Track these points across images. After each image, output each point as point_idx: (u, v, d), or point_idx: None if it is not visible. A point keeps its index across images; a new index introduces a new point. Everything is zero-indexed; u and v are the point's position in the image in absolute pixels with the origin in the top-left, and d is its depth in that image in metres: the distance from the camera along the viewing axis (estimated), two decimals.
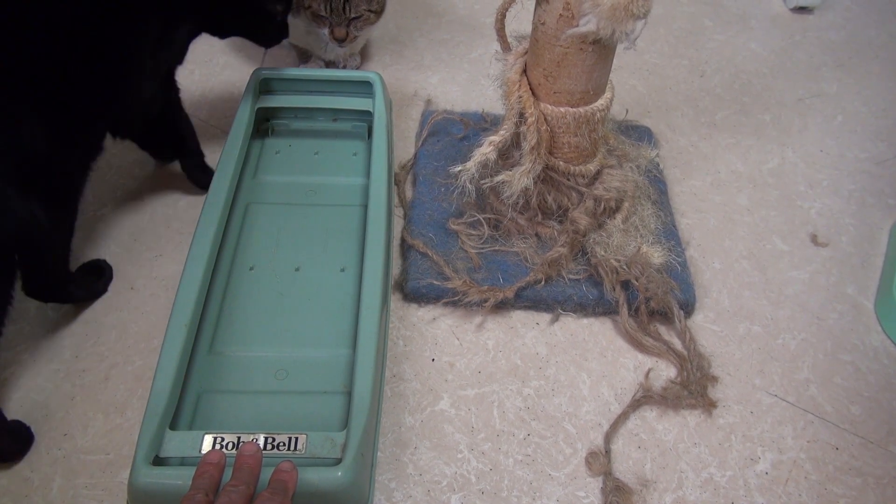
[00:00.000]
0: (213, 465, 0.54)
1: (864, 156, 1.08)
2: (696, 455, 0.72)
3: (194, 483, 0.53)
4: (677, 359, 0.79)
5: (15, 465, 0.68)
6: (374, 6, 1.04)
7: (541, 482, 0.69)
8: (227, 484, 0.52)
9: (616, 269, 0.80)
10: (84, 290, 0.82)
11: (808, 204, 1.00)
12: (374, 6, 1.04)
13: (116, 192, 0.94)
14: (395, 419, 0.73)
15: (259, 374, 0.71)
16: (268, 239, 0.84)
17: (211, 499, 0.51)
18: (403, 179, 0.98)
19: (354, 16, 1.02)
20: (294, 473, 0.55)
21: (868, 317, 0.86)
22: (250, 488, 0.52)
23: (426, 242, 0.86)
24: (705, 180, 1.02)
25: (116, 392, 0.74)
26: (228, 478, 0.54)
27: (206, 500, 0.50)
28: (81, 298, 0.82)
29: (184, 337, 0.67)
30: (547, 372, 0.78)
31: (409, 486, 0.68)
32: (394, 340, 0.80)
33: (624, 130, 1.02)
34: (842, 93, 1.21)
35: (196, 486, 0.52)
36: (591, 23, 0.67)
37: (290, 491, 0.54)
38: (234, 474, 0.54)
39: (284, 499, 0.52)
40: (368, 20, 1.04)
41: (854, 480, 0.71)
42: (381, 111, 0.93)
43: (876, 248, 0.94)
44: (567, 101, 0.76)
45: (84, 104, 0.70)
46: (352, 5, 1.01)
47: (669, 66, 1.24)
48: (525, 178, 0.77)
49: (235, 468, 0.54)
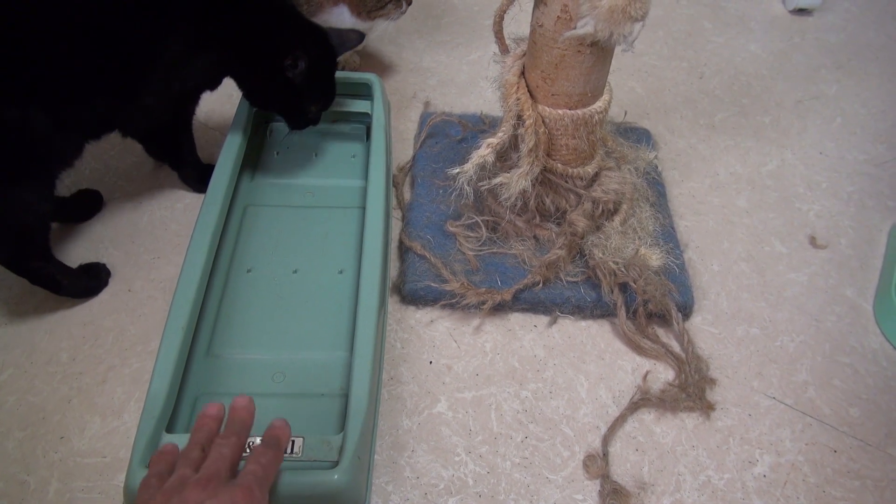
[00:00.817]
0: (211, 417, 0.55)
1: (863, 158, 1.08)
2: (694, 458, 0.72)
3: (192, 437, 0.53)
4: (675, 361, 0.79)
5: (10, 469, 0.68)
6: None
7: (538, 485, 0.69)
8: (219, 436, 0.53)
9: (614, 271, 0.80)
10: (71, 282, 0.81)
11: (806, 206, 1.00)
12: None
13: (115, 195, 0.94)
14: (393, 422, 0.73)
15: (256, 377, 0.71)
16: (266, 241, 0.84)
17: (207, 452, 0.51)
18: (402, 181, 0.98)
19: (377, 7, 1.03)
20: (287, 429, 0.56)
21: (867, 319, 0.86)
22: (241, 438, 0.53)
23: (424, 244, 0.86)
24: (704, 182, 1.02)
25: (113, 395, 0.74)
26: None
27: (201, 455, 0.51)
28: (68, 291, 0.81)
29: (181, 339, 0.67)
30: (545, 374, 0.78)
31: (406, 489, 0.68)
32: (391, 343, 0.80)
33: (622, 132, 1.02)
34: (841, 95, 1.21)
35: (193, 440, 0.52)
36: (588, 25, 0.67)
37: (284, 445, 0.55)
38: (226, 427, 0.54)
39: (277, 451, 0.53)
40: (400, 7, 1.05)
41: (852, 483, 0.71)
42: (379, 113, 0.93)
43: (875, 250, 0.94)
44: (565, 103, 0.76)
45: (87, 97, 0.72)
46: None
47: (668, 68, 1.24)
48: (523, 180, 0.77)
49: (228, 421, 0.55)
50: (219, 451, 0.51)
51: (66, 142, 0.74)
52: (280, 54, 0.80)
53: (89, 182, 0.96)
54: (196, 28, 0.76)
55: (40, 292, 0.81)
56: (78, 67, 0.70)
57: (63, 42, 0.68)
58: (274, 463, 0.52)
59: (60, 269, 0.80)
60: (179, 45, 0.76)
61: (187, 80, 0.80)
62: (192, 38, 0.76)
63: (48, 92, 0.69)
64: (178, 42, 0.76)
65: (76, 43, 0.69)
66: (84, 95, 0.72)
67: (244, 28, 0.79)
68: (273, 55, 0.80)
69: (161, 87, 0.78)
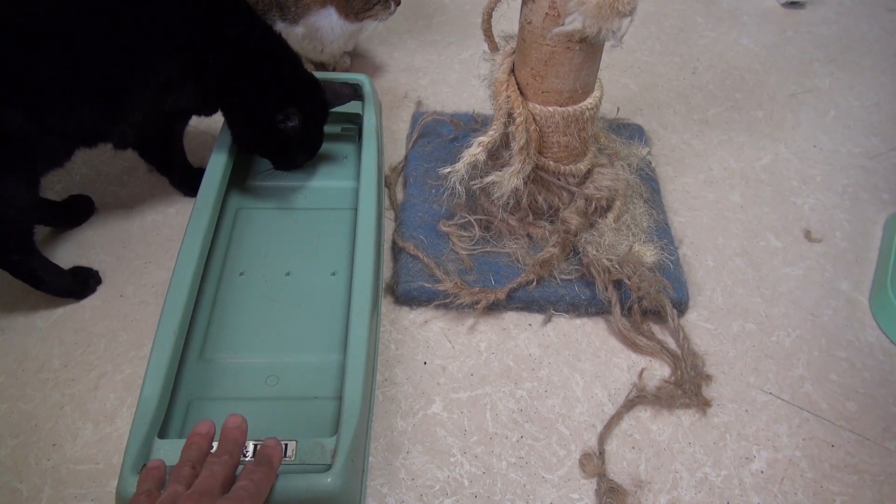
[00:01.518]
0: (202, 436, 0.55)
1: (857, 150, 1.08)
2: (691, 455, 0.71)
3: (183, 454, 0.53)
4: (671, 358, 0.78)
5: (3, 477, 0.67)
6: None
7: (534, 485, 0.68)
8: (212, 455, 0.53)
9: (608, 268, 0.79)
10: (53, 279, 0.81)
11: (801, 200, 0.99)
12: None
13: (106, 200, 0.94)
14: (387, 423, 0.73)
15: (249, 381, 0.70)
16: (258, 244, 0.83)
17: (198, 470, 0.51)
18: (394, 182, 0.98)
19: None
20: (279, 449, 0.56)
21: (863, 312, 0.85)
22: (234, 458, 0.53)
23: (417, 245, 0.85)
24: (698, 178, 1.02)
25: (106, 401, 0.73)
26: None
27: (192, 472, 0.51)
28: (49, 288, 0.81)
29: (173, 344, 0.66)
30: (540, 373, 0.77)
31: (402, 492, 0.68)
32: (385, 344, 0.79)
33: (615, 129, 1.01)
34: (834, 88, 1.20)
35: (184, 457, 0.53)
36: (576, 21, 0.66)
37: (276, 464, 0.55)
38: (219, 445, 0.54)
39: (269, 470, 0.53)
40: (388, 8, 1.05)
41: (850, 478, 0.70)
42: (370, 114, 0.92)
43: (870, 243, 0.94)
44: (555, 100, 0.75)
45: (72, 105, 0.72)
46: None
47: (660, 64, 1.24)
48: (515, 178, 0.76)
49: (220, 439, 0.55)
50: (210, 469, 0.50)
51: (51, 144, 0.73)
52: (273, 108, 0.80)
53: (80, 187, 0.95)
54: (193, 58, 0.76)
55: (31, 299, 0.81)
56: (63, 75, 0.70)
57: (51, 47, 0.68)
58: (266, 480, 0.52)
59: (44, 265, 0.79)
60: (174, 70, 0.76)
61: (178, 103, 0.81)
62: (188, 67, 0.77)
63: (29, 94, 0.69)
64: (173, 67, 0.76)
65: (65, 50, 0.69)
66: (69, 103, 0.72)
67: (241, 73, 0.80)
68: (266, 107, 0.81)
69: (151, 107, 0.78)
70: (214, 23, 0.77)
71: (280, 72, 0.82)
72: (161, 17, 0.74)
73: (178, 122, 0.90)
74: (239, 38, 0.79)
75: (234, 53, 0.78)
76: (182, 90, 0.79)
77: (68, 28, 0.69)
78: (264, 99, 0.81)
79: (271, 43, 0.83)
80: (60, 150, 0.76)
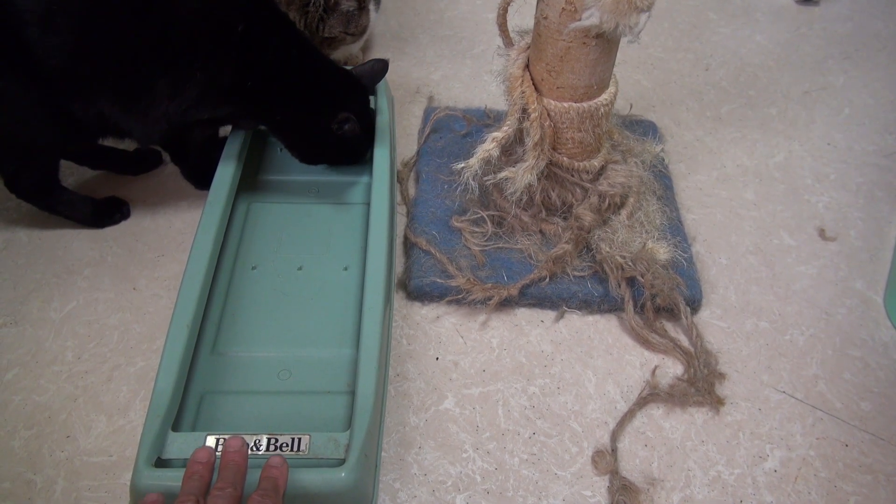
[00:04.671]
0: (202, 464, 0.53)
1: (872, 148, 1.07)
2: (704, 453, 0.71)
3: (184, 487, 0.51)
4: (684, 356, 0.78)
5: (17, 468, 0.68)
6: (351, 29, 1.02)
7: (546, 481, 0.68)
8: (214, 487, 0.51)
9: (621, 265, 0.79)
10: (71, 207, 0.88)
11: (815, 198, 0.99)
12: (352, 29, 1.03)
13: (118, 193, 0.94)
14: (399, 419, 0.73)
15: (262, 375, 0.70)
16: (270, 238, 0.83)
17: (202, 503, 0.49)
18: (406, 177, 0.97)
19: (328, 36, 1.02)
20: (284, 468, 0.54)
21: (877, 311, 0.85)
22: (238, 490, 0.51)
23: (429, 240, 0.85)
24: (711, 175, 1.01)
25: (119, 393, 0.74)
26: None
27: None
28: (61, 210, 0.87)
29: (186, 337, 0.66)
30: (552, 370, 0.77)
31: (414, 487, 0.68)
32: (397, 339, 0.79)
33: (628, 125, 1.01)
34: (849, 85, 1.19)
35: (186, 490, 0.50)
36: (594, 16, 0.66)
37: (282, 489, 0.53)
38: (221, 474, 0.52)
39: (276, 499, 0.51)
40: (344, 41, 1.04)
41: (864, 478, 0.70)
42: (383, 108, 0.92)
43: (885, 242, 0.93)
44: (570, 96, 0.75)
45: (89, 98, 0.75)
46: (326, 26, 1.00)
47: (674, 60, 1.23)
48: (528, 174, 0.76)
49: (221, 467, 0.53)
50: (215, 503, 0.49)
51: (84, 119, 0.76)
52: (326, 118, 0.81)
53: (94, 181, 0.96)
54: (231, 78, 0.76)
55: (45, 292, 0.81)
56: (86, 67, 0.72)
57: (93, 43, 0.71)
58: None
59: (66, 198, 0.87)
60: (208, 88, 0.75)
61: (210, 115, 0.80)
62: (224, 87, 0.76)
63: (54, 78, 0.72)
64: (207, 85, 0.75)
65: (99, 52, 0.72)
66: (87, 96, 0.73)
67: (284, 90, 0.79)
68: (318, 119, 0.81)
69: (179, 119, 0.78)
70: (254, 42, 0.75)
71: (321, 79, 0.82)
72: (194, 35, 0.73)
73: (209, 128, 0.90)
74: (277, 54, 0.77)
75: (275, 72, 0.77)
76: (214, 107, 0.78)
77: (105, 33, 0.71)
78: (315, 112, 0.81)
79: (305, 51, 0.81)
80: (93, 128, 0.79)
